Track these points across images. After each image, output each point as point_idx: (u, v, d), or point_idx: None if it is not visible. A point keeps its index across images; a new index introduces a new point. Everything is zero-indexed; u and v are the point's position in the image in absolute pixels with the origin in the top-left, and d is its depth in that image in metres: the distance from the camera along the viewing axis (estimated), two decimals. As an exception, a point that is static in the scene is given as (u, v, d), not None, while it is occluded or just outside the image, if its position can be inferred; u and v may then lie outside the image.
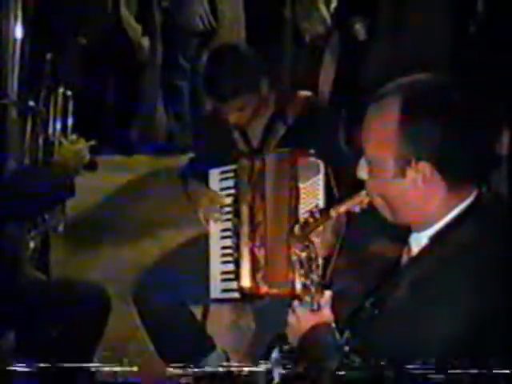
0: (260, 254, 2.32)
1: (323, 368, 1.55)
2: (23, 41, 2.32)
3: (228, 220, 2.44)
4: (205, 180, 2.52)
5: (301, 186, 2.26)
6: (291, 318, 1.71)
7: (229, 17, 5.28)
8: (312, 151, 2.31)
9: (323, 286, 1.74)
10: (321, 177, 2.25)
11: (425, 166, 1.42)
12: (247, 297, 2.38)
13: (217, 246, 2.45)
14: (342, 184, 2.30)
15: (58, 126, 2.59)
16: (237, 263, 2.36)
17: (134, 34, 5.04)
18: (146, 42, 5.11)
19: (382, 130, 1.46)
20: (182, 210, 3.26)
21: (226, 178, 2.45)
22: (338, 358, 1.56)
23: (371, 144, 1.50)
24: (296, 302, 1.72)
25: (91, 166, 2.53)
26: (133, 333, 2.89)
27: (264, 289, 2.31)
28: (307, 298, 1.69)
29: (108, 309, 2.49)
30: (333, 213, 1.70)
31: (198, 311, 2.78)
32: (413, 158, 1.42)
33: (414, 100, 1.43)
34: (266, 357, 1.83)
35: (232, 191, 2.43)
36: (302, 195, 2.26)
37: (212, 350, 2.74)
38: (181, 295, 2.55)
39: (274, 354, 1.82)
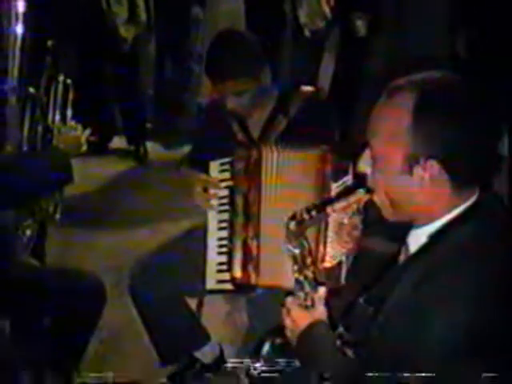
0: (253, 245, 2.32)
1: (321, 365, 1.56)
2: (24, 28, 2.31)
3: (225, 211, 2.44)
4: (205, 171, 2.51)
5: (333, 185, 2.23)
6: (286, 320, 1.70)
7: (228, 11, 5.29)
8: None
9: (318, 283, 1.73)
10: (350, 177, 2.22)
11: (433, 165, 1.41)
12: (241, 288, 2.38)
13: (214, 237, 2.45)
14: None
15: (58, 113, 2.58)
16: (230, 254, 2.36)
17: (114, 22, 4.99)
18: (129, 31, 5.08)
19: (394, 125, 1.43)
20: (181, 201, 3.26)
21: (225, 170, 2.45)
22: (335, 354, 1.57)
23: (380, 139, 1.47)
24: (289, 300, 1.71)
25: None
26: (128, 323, 2.89)
27: (255, 280, 2.31)
28: (301, 294, 1.68)
29: (103, 298, 2.49)
30: (329, 210, 1.68)
31: (193, 303, 2.79)
32: (422, 157, 1.41)
33: (428, 98, 1.41)
34: (258, 351, 1.84)
35: (229, 182, 2.42)
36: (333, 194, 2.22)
37: (206, 342, 2.75)
38: (177, 286, 2.55)
39: (266, 348, 1.83)
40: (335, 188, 2.21)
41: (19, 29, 2.29)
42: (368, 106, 1.54)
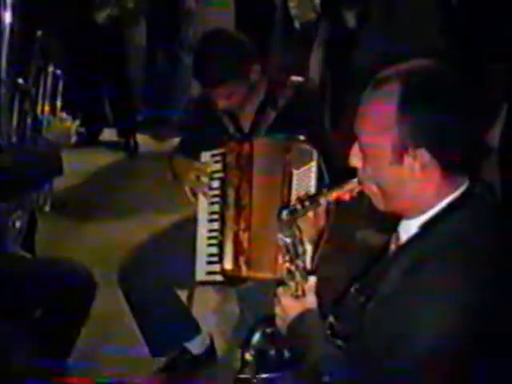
0: (244, 237, 2.32)
1: (312, 354, 1.56)
2: (13, 17, 2.29)
3: (216, 203, 2.44)
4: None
5: (294, 172, 2.25)
6: (277, 309, 1.71)
7: (219, 2, 5.27)
8: (303, 137, 2.31)
9: (308, 272, 1.73)
10: (314, 164, 2.24)
11: (423, 153, 1.41)
12: (231, 280, 2.38)
13: (204, 228, 2.45)
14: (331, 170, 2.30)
15: (47, 104, 2.57)
16: (221, 246, 2.36)
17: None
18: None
19: (381, 116, 1.44)
20: (171, 193, 3.25)
21: (216, 162, 2.45)
22: (326, 343, 1.58)
23: (368, 131, 1.47)
24: (280, 290, 1.71)
25: None
26: (118, 314, 2.89)
27: (246, 272, 2.31)
28: (292, 284, 1.68)
29: (93, 289, 2.48)
30: (322, 200, 1.68)
31: (183, 294, 2.79)
32: (411, 145, 1.41)
33: (413, 86, 1.41)
34: (249, 340, 1.84)
35: (220, 174, 2.42)
36: (295, 181, 2.25)
37: (197, 333, 2.75)
38: (167, 278, 2.55)
39: (256, 338, 1.83)
40: (296, 175, 2.25)
41: (7, 18, 2.27)
42: (358, 97, 1.55)
